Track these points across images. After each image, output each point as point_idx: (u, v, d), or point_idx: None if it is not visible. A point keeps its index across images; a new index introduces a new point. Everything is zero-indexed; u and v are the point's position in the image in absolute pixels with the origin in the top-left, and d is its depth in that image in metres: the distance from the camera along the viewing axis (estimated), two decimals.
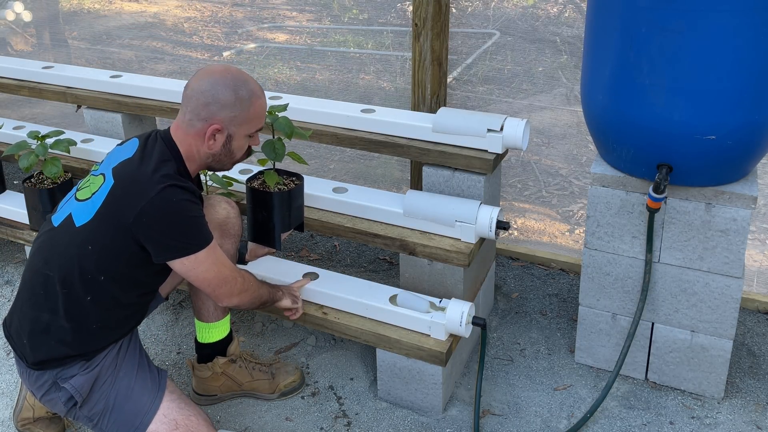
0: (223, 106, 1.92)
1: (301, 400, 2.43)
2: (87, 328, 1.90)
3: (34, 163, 2.59)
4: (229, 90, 1.92)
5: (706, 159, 2.04)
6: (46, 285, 1.90)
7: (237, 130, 1.97)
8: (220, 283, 1.97)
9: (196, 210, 1.90)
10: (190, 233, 1.88)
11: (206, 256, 1.91)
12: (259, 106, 1.99)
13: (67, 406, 1.93)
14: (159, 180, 1.85)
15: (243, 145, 2.02)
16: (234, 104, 1.92)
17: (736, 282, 2.21)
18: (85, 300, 1.88)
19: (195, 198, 1.91)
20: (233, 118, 1.94)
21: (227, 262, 1.99)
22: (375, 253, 3.22)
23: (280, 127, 2.29)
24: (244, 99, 1.93)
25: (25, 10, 4.35)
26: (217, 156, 2.00)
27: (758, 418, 2.29)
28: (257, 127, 2.02)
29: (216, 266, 1.94)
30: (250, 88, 1.96)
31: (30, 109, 4.27)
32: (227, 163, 2.05)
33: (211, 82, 1.92)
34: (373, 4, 3.15)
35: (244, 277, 2.06)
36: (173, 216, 1.85)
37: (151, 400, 1.94)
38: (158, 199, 1.82)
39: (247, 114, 1.96)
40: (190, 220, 1.88)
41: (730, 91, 1.94)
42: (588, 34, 2.17)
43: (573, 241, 3.12)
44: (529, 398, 2.42)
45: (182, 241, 1.88)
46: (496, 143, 2.43)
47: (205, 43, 3.82)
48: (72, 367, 1.92)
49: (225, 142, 1.97)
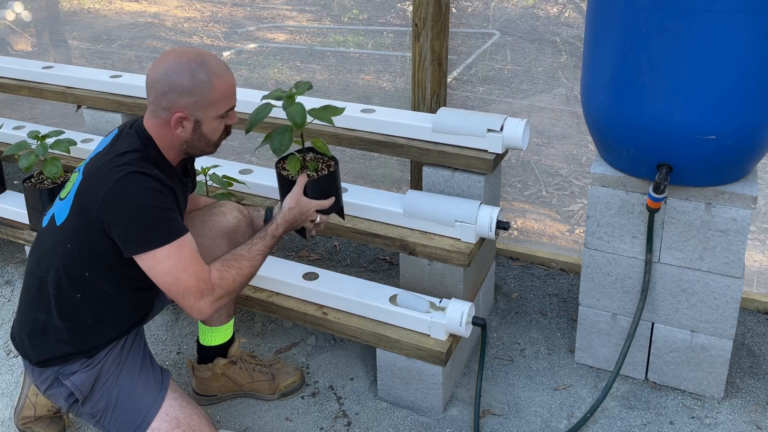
0: (181, 92, 1.82)
1: (301, 400, 2.43)
2: (82, 326, 1.91)
3: (34, 163, 2.59)
4: (185, 75, 1.81)
5: (706, 159, 2.04)
6: (39, 286, 1.92)
7: (203, 114, 1.86)
8: (182, 292, 1.78)
9: (160, 200, 1.78)
10: (150, 226, 1.75)
11: (166, 255, 1.75)
12: (223, 85, 1.86)
13: (68, 401, 1.95)
14: (118, 168, 1.77)
15: (216, 127, 1.91)
16: (193, 89, 1.82)
17: (736, 282, 2.21)
18: (75, 298, 1.88)
19: (161, 186, 1.79)
20: (195, 103, 1.84)
21: (194, 269, 1.78)
22: (375, 253, 3.22)
23: (291, 115, 2.00)
24: (204, 82, 1.83)
25: (25, 10, 4.35)
26: (190, 142, 1.90)
27: (758, 418, 2.29)
28: (226, 106, 1.90)
29: (177, 270, 1.76)
30: (209, 68, 1.84)
31: (30, 109, 4.27)
32: (205, 147, 1.94)
33: (166, 69, 1.82)
34: (373, 4, 3.15)
35: (218, 284, 1.82)
36: (131, 205, 1.75)
37: (153, 399, 1.94)
38: (117, 187, 1.75)
39: (210, 96, 1.85)
40: (150, 211, 1.75)
41: (730, 91, 1.94)
42: (588, 34, 2.17)
43: (573, 241, 3.12)
44: (529, 398, 2.42)
45: (142, 234, 1.75)
46: (496, 143, 2.43)
47: (205, 43, 3.82)
48: (73, 364, 1.93)
49: (194, 129, 1.88)
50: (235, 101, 1.94)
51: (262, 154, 3.67)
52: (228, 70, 1.90)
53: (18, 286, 3.06)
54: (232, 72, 1.92)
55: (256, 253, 1.93)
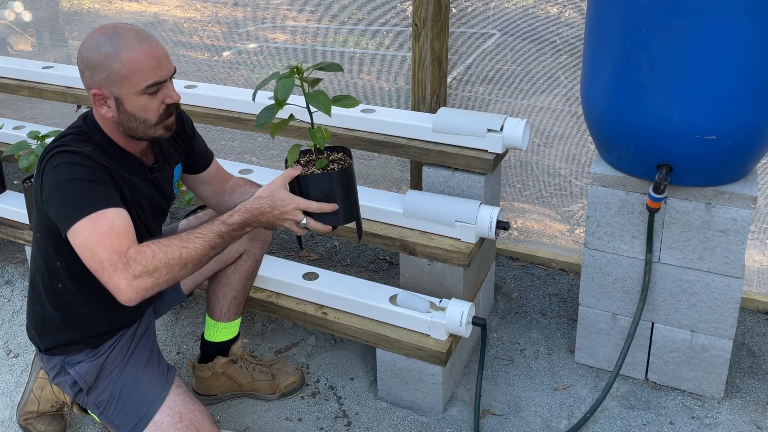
0: (93, 69, 1.72)
1: (301, 400, 2.43)
2: (74, 314, 1.93)
3: (34, 163, 2.59)
4: (92, 50, 1.71)
5: (706, 159, 2.04)
6: (33, 279, 1.96)
7: (120, 90, 1.72)
8: (96, 267, 1.62)
9: (80, 172, 1.68)
10: (69, 198, 1.66)
11: (81, 227, 1.62)
12: (134, 56, 1.70)
13: (73, 390, 1.98)
14: (47, 151, 1.73)
15: (144, 104, 1.75)
16: (101, 64, 1.71)
17: (736, 282, 2.21)
18: (58, 288, 1.90)
19: (88, 162, 1.70)
20: (106, 78, 1.72)
21: (110, 242, 1.61)
22: (375, 253, 3.22)
23: (276, 88, 1.74)
24: (110, 54, 1.69)
25: (25, 10, 4.35)
26: (123, 123, 1.78)
27: (758, 418, 2.29)
28: (145, 81, 1.73)
29: (90, 243, 1.61)
30: (119, 40, 1.70)
31: (30, 109, 4.27)
32: (143, 128, 1.79)
33: (81, 48, 1.74)
34: (373, 4, 3.15)
35: (134, 258, 1.60)
36: (53, 183, 1.68)
37: (157, 392, 1.94)
38: (46, 173, 1.71)
39: (121, 70, 1.70)
40: (68, 184, 1.66)
41: (730, 91, 1.94)
42: (588, 34, 2.17)
43: (573, 241, 3.12)
44: (529, 398, 2.42)
45: (62, 208, 1.66)
46: (496, 143, 2.43)
47: (205, 43, 3.82)
48: (79, 353, 1.95)
49: (117, 107, 1.75)
50: (162, 75, 1.75)
51: (262, 154, 3.67)
52: (144, 41, 1.73)
53: (18, 286, 3.06)
54: (153, 43, 1.75)
55: (196, 235, 1.71)
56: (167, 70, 1.77)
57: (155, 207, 1.97)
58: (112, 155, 1.81)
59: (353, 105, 1.80)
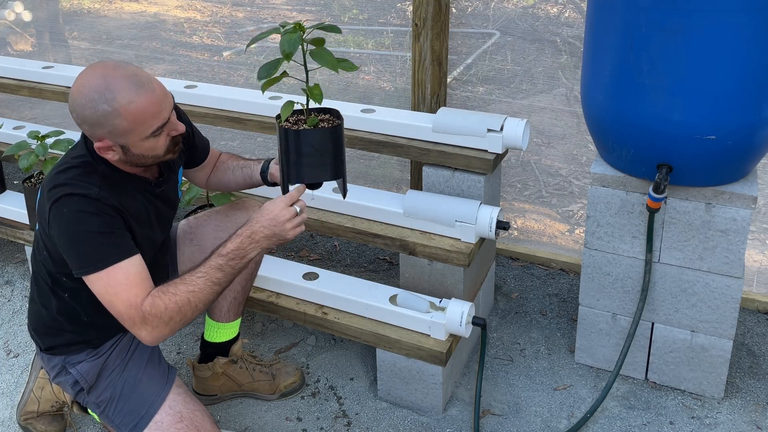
0: (92, 125, 1.69)
1: (301, 400, 2.43)
2: (78, 321, 1.94)
3: (34, 163, 2.59)
4: (88, 108, 1.67)
5: (706, 159, 2.04)
6: (37, 280, 1.96)
7: (126, 140, 1.71)
8: (117, 316, 1.73)
9: (93, 223, 1.69)
10: (81, 251, 1.70)
11: (96, 279, 1.70)
12: (134, 110, 1.67)
13: (74, 389, 1.99)
14: (56, 190, 1.71)
15: (151, 145, 1.75)
16: (101, 122, 1.68)
17: (736, 282, 2.21)
18: (64, 297, 1.91)
19: (98, 208, 1.70)
20: (110, 132, 1.69)
21: (126, 295, 1.69)
22: (375, 253, 3.22)
23: (282, 41, 1.74)
24: (109, 113, 1.66)
25: (25, 10, 4.35)
26: (131, 161, 1.78)
27: (758, 418, 2.29)
28: (151, 128, 1.71)
29: (108, 295, 1.71)
30: (113, 96, 1.65)
31: (30, 109, 4.27)
32: (152, 160, 1.80)
33: (72, 100, 1.69)
34: (373, 4, 3.15)
35: (151, 313, 1.69)
36: (64, 231, 1.70)
37: (158, 392, 1.95)
38: (54, 211, 1.71)
39: (123, 126, 1.68)
40: (79, 236, 1.69)
41: (730, 91, 1.94)
42: (588, 35, 2.17)
43: (573, 241, 3.11)
44: (529, 398, 2.42)
45: (74, 258, 1.72)
46: (496, 143, 2.43)
47: (205, 43, 3.82)
48: (80, 353, 1.96)
49: (124, 152, 1.74)
50: (166, 117, 1.73)
51: (262, 154, 3.67)
52: (140, 88, 1.68)
53: (18, 286, 3.06)
54: (149, 86, 1.69)
55: (198, 276, 1.75)
56: (168, 109, 1.74)
57: (163, 220, 1.99)
58: (119, 182, 1.80)
59: (353, 69, 1.84)
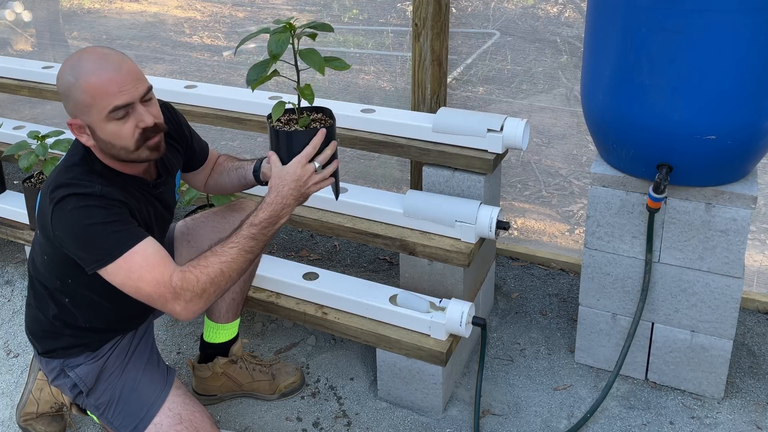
0: (65, 98, 1.71)
1: (301, 400, 2.43)
2: (77, 326, 1.93)
3: (34, 163, 2.59)
4: (60, 79, 1.69)
5: (706, 159, 2.04)
6: (35, 284, 1.95)
7: (89, 118, 1.69)
8: (147, 299, 1.70)
9: (98, 215, 1.66)
10: (93, 244, 1.67)
11: (116, 269, 1.67)
12: (93, 83, 1.65)
13: (73, 392, 1.98)
14: (57, 192, 1.69)
15: (115, 130, 1.69)
16: (66, 94, 1.69)
17: (736, 282, 2.21)
18: (64, 302, 1.90)
19: (101, 202, 1.68)
20: (75, 107, 1.69)
21: (150, 275, 1.67)
22: (375, 253, 3.22)
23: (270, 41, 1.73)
24: (71, 84, 1.67)
25: (25, 10, 4.35)
26: (104, 150, 1.74)
27: (758, 418, 2.29)
28: (108, 106, 1.66)
29: (131, 281, 1.67)
30: (81, 68, 1.66)
31: (30, 109, 4.27)
32: (124, 154, 1.74)
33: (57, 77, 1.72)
34: (373, 4, 3.15)
35: (182, 286, 1.67)
36: (72, 229, 1.68)
37: (157, 394, 1.94)
38: (56, 215, 1.68)
39: (83, 99, 1.67)
40: (87, 230, 1.66)
41: (730, 91, 1.94)
42: (588, 34, 2.17)
43: (573, 241, 3.11)
44: (529, 398, 2.42)
45: (87, 253, 1.69)
46: (496, 143, 2.43)
47: (205, 43, 3.82)
48: (78, 356, 1.95)
49: (93, 135, 1.72)
50: (125, 99, 1.68)
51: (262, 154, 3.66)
52: (105, 64, 1.67)
53: (18, 286, 3.07)
54: (116, 65, 1.68)
55: (230, 246, 1.73)
56: (132, 93, 1.69)
57: (161, 222, 1.97)
58: (117, 182, 1.77)
59: (344, 68, 1.80)
